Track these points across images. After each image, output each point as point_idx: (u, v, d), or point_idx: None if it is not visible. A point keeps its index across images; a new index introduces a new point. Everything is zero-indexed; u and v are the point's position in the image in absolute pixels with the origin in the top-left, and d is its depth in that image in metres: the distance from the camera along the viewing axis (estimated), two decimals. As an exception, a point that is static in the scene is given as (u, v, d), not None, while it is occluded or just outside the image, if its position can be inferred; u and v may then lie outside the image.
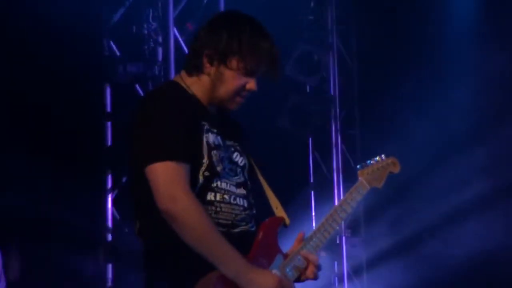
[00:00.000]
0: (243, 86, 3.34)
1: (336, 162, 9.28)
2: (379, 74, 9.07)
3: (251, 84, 3.35)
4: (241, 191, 3.35)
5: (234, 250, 3.16)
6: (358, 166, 3.71)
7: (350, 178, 9.44)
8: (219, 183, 3.27)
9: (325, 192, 9.31)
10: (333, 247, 9.07)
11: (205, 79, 3.34)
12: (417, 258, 8.79)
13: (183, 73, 3.40)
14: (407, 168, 8.68)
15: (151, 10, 7.55)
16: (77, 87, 7.23)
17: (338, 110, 9.37)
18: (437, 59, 8.76)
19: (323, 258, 8.79)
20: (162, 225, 3.17)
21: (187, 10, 7.71)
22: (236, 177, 3.35)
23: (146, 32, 7.53)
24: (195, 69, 3.35)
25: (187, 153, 3.18)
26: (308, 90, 9.27)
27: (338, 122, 9.35)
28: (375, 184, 3.65)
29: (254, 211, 3.38)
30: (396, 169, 3.73)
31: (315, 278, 3.40)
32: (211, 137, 3.29)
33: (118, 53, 7.66)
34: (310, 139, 9.43)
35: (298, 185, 9.20)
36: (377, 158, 3.72)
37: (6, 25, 6.89)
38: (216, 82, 3.32)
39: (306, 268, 3.40)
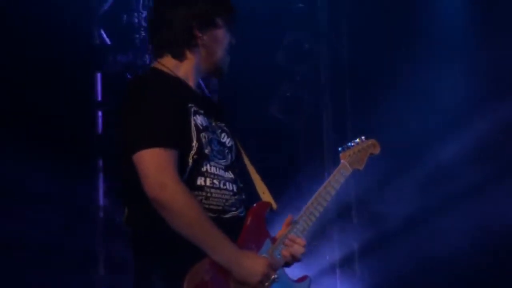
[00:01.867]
0: (231, 41, 3.53)
1: (326, 150, 9.27)
2: (371, 62, 9.06)
3: (233, 39, 3.56)
4: (229, 175, 3.37)
5: (224, 236, 3.19)
6: (339, 149, 3.77)
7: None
8: (208, 167, 3.29)
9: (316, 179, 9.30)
10: (325, 235, 9.08)
11: (197, 52, 3.39)
12: (410, 244, 8.80)
13: (165, 59, 3.40)
14: (400, 156, 8.77)
15: (141, -1, 7.52)
16: (68, 76, 7.21)
17: (328, 98, 9.36)
18: (430, 46, 8.76)
19: (315, 246, 8.89)
20: (152, 212, 3.17)
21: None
22: (223, 160, 3.37)
23: (136, 20, 7.51)
24: (185, 46, 3.38)
25: (176, 139, 3.19)
26: (298, 79, 9.26)
27: (329, 110, 9.34)
28: (357, 166, 3.75)
29: (243, 196, 3.41)
30: (376, 151, 3.87)
31: (298, 260, 3.45)
32: (199, 119, 3.31)
33: (108, 42, 7.64)
34: (300, 127, 9.42)
35: (289, 172, 9.20)
36: (358, 140, 3.82)
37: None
38: (213, 46, 3.43)
39: (293, 251, 3.45)
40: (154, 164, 3.12)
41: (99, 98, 7.60)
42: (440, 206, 8.73)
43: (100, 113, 7.56)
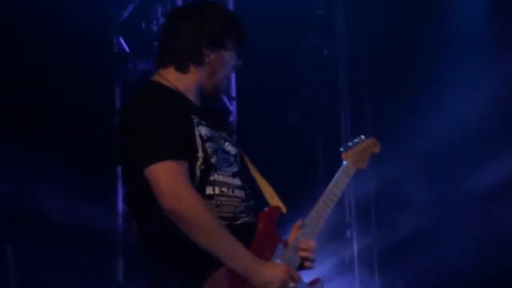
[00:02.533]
0: (235, 66, 3.53)
1: (346, 156, 9.26)
2: (389, 68, 9.05)
3: (239, 61, 3.55)
4: (237, 181, 3.38)
5: (240, 245, 3.19)
6: (341, 149, 3.77)
7: (360, 172, 9.43)
8: (216, 176, 3.30)
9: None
10: (343, 238, 9.08)
11: (201, 69, 3.40)
12: (429, 247, 8.78)
13: (167, 71, 3.42)
14: (418, 160, 8.73)
15: (160, 6, 7.56)
16: (87, 84, 7.25)
17: (347, 104, 9.36)
18: (450, 49, 8.73)
19: (332, 249, 8.88)
20: (166, 224, 3.17)
21: (196, 5, 7.70)
22: (230, 168, 3.38)
23: (155, 28, 7.54)
24: (190, 61, 3.39)
25: (184, 150, 3.21)
26: (317, 85, 9.26)
27: (348, 116, 9.34)
28: (360, 166, 3.76)
29: (252, 202, 3.43)
30: (377, 149, 3.86)
31: (312, 264, 3.46)
32: (203, 130, 3.32)
33: (127, 50, 7.68)
34: (319, 133, 9.42)
35: (308, 179, 9.21)
36: (357, 139, 3.82)
37: (16, 21, 6.92)
38: (217, 67, 3.41)
39: (305, 255, 3.46)
40: (168, 177, 3.13)
41: (119, 106, 7.63)
42: (458, 212, 8.70)
43: (119, 121, 7.57)
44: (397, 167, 8.69)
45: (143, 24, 7.64)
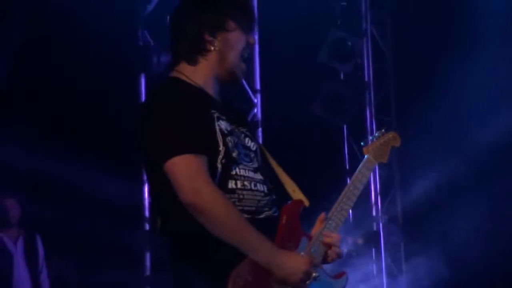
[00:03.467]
0: (246, 43, 3.40)
1: (371, 149, 9.24)
2: (415, 60, 9.01)
3: (251, 38, 3.42)
4: (259, 176, 3.36)
5: (263, 237, 3.17)
6: (362, 143, 3.74)
7: (386, 165, 9.42)
8: (237, 170, 3.28)
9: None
10: (370, 234, 9.07)
11: (210, 56, 3.35)
12: (457, 244, 8.75)
13: (181, 66, 3.39)
14: (445, 153, 8.68)
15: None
16: (112, 77, 7.29)
17: (372, 96, 9.34)
18: (475, 43, 8.68)
19: (360, 245, 8.87)
20: (187, 218, 3.16)
21: None
22: (251, 163, 3.35)
23: (180, 21, 7.53)
24: (199, 52, 3.35)
25: (204, 144, 3.19)
26: (342, 77, 9.25)
27: (373, 109, 9.32)
28: (381, 159, 3.72)
29: (274, 196, 3.41)
30: (397, 143, 3.81)
31: (339, 256, 3.44)
32: (223, 124, 3.30)
33: (152, 43, 7.69)
34: (345, 126, 9.42)
35: (334, 172, 9.20)
36: (378, 133, 3.78)
37: (44, 18, 6.98)
38: (225, 50, 3.34)
39: (330, 248, 3.44)
40: (187, 170, 3.12)
41: (143, 99, 7.64)
42: (488, 207, 8.66)
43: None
44: (420, 158, 8.67)
45: (168, 18, 7.63)
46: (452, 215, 8.78)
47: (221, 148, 3.24)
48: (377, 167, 9.22)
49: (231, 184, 3.25)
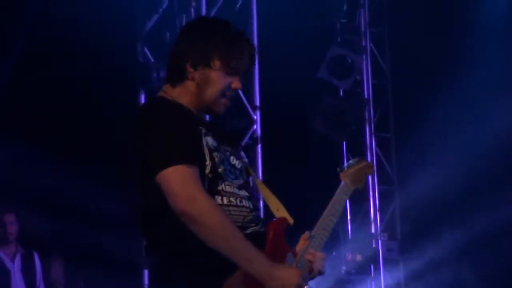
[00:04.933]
0: (228, 86, 3.41)
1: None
2: (413, 77, 9.03)
3: (236, 83, 3.43)
4: (244, 192, 3.39)
5: (256, 249, 3.18)
6: (338, 169, 3.85)
7: (385, 181, 9.43)
8: (223, 185, 3.31)
9: (360, 195, 9.29)
10: (369, 251, 9.05)
11: (190, 86, 3.40)
12: (457, 261, 8.74)
13: (166, 88, 3.44)
14: (443, 170, 8.68)
15: (184, 16, 7.59)
16: (112, 93, 7.31)
17: (372, 113, 9.35)
18: (474, 58, 8.70)
19: (359, 261, 8.86)
20: (177, 233, 3.18)
21: (220, 16, 7.73)
22: (236, 180, 3.38)
23: (179, 38, 7.55)
24: (179, 79, 3.40)
25: (195, 156, 3.23)
26: (341, 94, 9.27)
27: (372, 125, 9.33)
28: (357, 185, 3.83)
29: (259, 213, 3.44)
30: (371, 172, 3.95)
31: (321, 273, 3.48)
32: (209, 140, 3.34)
33: (152, 59, 7.71)
34: (344, 142, 9.42)
35: (334, 188, 9.18)
36: (352, 161, 3.91)
37: (44, 34, 7.00)
38: (203, 86, 3.38)
39: (313, 265, 3.49)
40: (181, 180, 3.14)
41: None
42: (487, 224, 8.66)
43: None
44: (419, 175, 8.67)
45: (168, 34, 7.67)
46: (452, 231, 8.77)
47: (208, 162, 3.27)
48: (376, 184, 9.23)
49: (218, 200, 3.27)
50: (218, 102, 3.41)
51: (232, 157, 3.41)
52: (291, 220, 3.47)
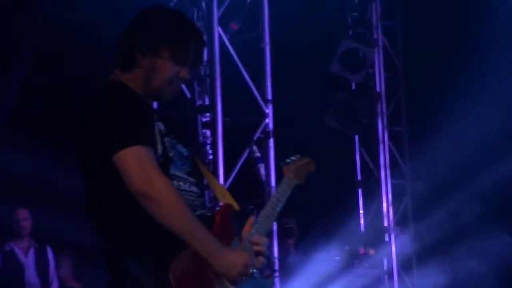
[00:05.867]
0: (175, 75, 3.47)
1: (383, 159, 9.24)
2: (426, 70, 9.00)
3: (183, 73, 3.49)
4: (192, 179, 3.50)
5: (207, 230, 3.28)
6: (280, 163, 3.99)
7: (398, 175, 9.41)
8: (174, 170, 3.42)
9: (372, 189, 9.28)
10: (382, 244, 9.04)
11: (138, 73, 3.46)
12: (467, 254, 8.71)
13: (117, 72, 3.49)
14: (456, 164, 8.65)
15: (195, 10, 7.58)
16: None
17: (384, 106, 9.32)
18: (486, 52, 8.66)
19: (372, 255, 8.85)
20: (131, 213, 3.27)
21: (231, 10, 7.73)
22: (184, 166, 3.49)
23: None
24: (129, 66, 3.46)
25: (150, 139, 3.33)
26: (353, 87, 9.24)
27: (385, 119, 9.30)
28: (299, 179, 3.98)
29: (206, 199, 3.69)
30: (312, 168, 4.10)
31: (266, 256, 3.57)
32: (160, 125, 3.45)
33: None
34: (356, 136, 9.40)
35: (346, 182, 9.18)
36: (294, 157, 4.04)
37: (58, 32, 7.02)
38: (150, 73, 3.44)
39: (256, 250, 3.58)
40: (138, 160, 3.23)
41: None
42: (498, 217, 8.63)
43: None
44: (432, 168, 8.65)
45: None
46: (465, 225, 8.75)
47: (159, 146, 3.38)
48: (388, 178, 9.21)
49: None
50: (165, 90, 3.47)
51: (179, 145, 3.51)
52: (236, 207, 3.58)
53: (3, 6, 7.16)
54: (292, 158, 4.00)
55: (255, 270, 3.39)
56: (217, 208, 3.59)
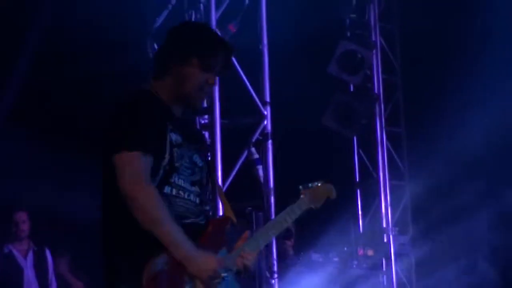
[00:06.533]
0: (204, 81, 3.80)
1: (381, 160, 9.25)
2: (423, 71, 9.01)
3: (211, 79, 3.82)
4: (196, 189, 3.77)
5: (184, 235, 3.56)
6: (300, 187, 4.10)
7: (396, 176, 9.42)
8: (176, 179, 3.70)
9: (371, 190, 9.29)
10: (380, 245, 9.05)
11: (169, 81, 3.79)
12: (468, 256, 8.73)
13: (151, 81, 3.83)
14: (455, 166, 8.67)
15: (193, 12, 7.58)
16: (123, 88, 7.29)
17: (382, 108, 9.34)
18: (484, 53, 8.67)
19: (371, 256, 8.86)
20: (121, 212, 3.56)
21: (229, 12, 7.74)
22: (192, 176, 3.77)
23: (189, 34, 7.54)
24: (161, 75, 3.80)
25: (153, 148, 3.60)
26: (351, 89, 9.25)
27: (383, 120, 9.32)
28: (314, 205, 4.09)
29: (207, 208, 3.83)
30: (332, 196, 4.20)
31: (250, 269, 3.80)
32: (173, 136, 3.72)
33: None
34: (355, 137, 9.41)
35: (344, 183, 9.19)
36: (317, 183, 4.13)
37: (58, 31, 7.02)
38: (181, 80, 3.77)
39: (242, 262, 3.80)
40: (132, 166, 3.54)
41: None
42: (500, 218, 8.64)
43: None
44: (431, 169, 8.66)
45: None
46: (464, 225, 8.76)
47: (167, 155, 3.66)
48: (387, 179, 9.22)
49: (167, 190, 3.67)
50: (196, 96, 3.80)
51: (195, 155, 3.79)
52: (234, 219, 3.84)
53: (3, 6, 7.18)
54: (315, 183, 4.13)
55: (225, 274, 3.61)
56: (215, 217, 3.88)
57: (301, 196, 4.05)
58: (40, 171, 7.50)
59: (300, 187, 4.08)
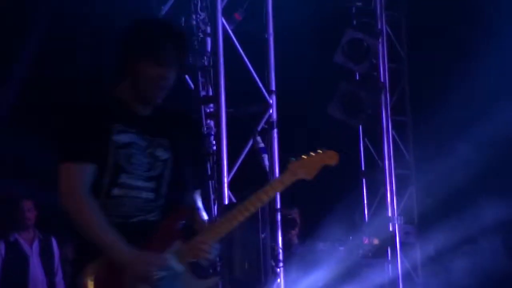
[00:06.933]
0: (158, 76, 3.82)
1: (387, 149, 9.24)
2: (430, 60, 8.99)
3: (164, 73, 3.82)
4: (150, 184, 3.85)
5: (114, 238, 3.70)
6: (292, 158, 3.96)
7: (402, 165, 9.41)
8: (125, 178, 3.81)
9: (376, 179, 9.29)
10: (386, 234, 9.05)
11: (129, 81, 3.86)
12: (472, 246, 8.72)
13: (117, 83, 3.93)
14: (459, 154, 8.63)
15: (199, 1, 7.57)
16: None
17: (388, 97, 9.32)
18: (491, 42, 8.64)
19: (375, 245, 8.85)
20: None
21: (235, 0, 7.73)
22: (148, 172, 3.85)
23: (194, 23, 7.55)
24: (121, 76, 3.88)
25: (90, 155, 3.74)
26: (357, 78, 9.23)
27: (389, 109, 9.30)
28: (305, 176, 3.96)
29: (162, 202, 3.88)
30: (332, 162, 4.02)
31: (208, 260, 3.85)
32: (122, 137, 3.81)
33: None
34: (360, 126, 9.40)
35: (350, 172, 9.18)
36: (312, 152, 3.97)
37: (62, 22, 7.02)
38: (136, 79, 3.83)
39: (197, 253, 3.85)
40: (66, 178, 3.73)
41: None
42: (504, 209, 8.62)
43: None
44: (436, 160, 8.65)
45: (183, 19, 7.65)
46: (470, 215, 8.75)
47: (110, 158, 3.76)
48: (392, 168, 9.21)
49: (115, 191, 3.79)
50: (152, 91, 3.83)
51: (159, 149, 3.87)
52: (195, 213, 3.90)
53: (3, 6, 7.17)
54: (311, 153, 4.00)
55: (164, 273, 3.70)
56: (171, 211, 3.85)
57: (287, 169, 3.95)
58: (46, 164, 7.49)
59: (293, 158, 3.97)
